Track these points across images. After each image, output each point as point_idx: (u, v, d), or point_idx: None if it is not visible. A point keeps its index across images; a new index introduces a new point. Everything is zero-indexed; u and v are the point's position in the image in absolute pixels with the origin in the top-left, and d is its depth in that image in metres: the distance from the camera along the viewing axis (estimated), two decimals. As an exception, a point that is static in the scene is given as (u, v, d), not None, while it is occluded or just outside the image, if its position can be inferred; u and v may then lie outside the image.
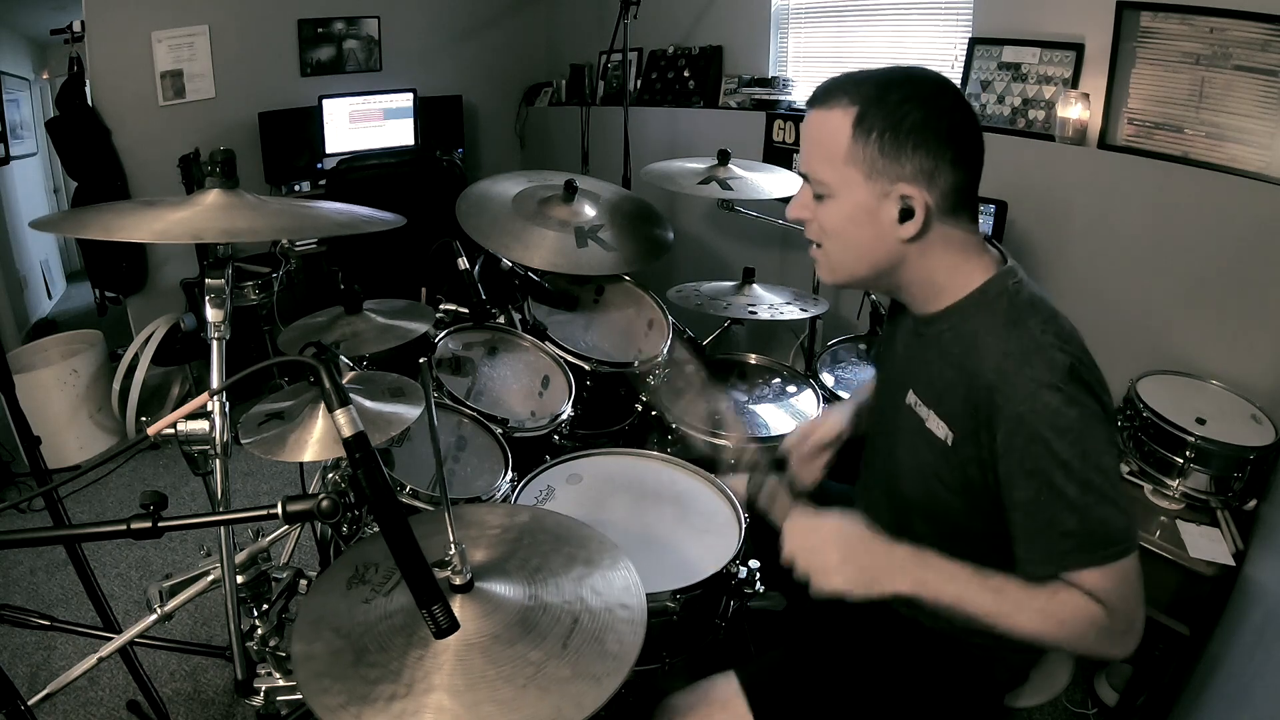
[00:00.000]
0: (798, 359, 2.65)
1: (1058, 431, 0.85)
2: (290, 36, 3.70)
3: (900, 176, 0.93)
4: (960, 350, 0.96)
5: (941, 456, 0.99)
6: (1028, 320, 0.92)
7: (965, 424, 0.95)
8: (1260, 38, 1.79)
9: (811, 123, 0.99)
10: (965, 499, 0.98)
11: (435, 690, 0.81)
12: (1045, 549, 0.89)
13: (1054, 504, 0.86)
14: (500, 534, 1.09)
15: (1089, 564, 0.86)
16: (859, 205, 0.96)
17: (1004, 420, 0.88)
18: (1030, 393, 0.87)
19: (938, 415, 1.00)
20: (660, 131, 3.49)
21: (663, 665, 1.20)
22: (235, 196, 1.03)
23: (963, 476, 0.97)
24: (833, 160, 0.95)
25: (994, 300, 0.96)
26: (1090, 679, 1.87)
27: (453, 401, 1.68)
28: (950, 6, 2.56)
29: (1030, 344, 0.90)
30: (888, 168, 0.93)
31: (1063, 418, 0.85)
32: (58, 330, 3.54)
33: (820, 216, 1.00)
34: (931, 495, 1.02)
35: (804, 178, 1.03)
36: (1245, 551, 1.54)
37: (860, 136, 0.93)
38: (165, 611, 1.09)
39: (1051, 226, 2.23)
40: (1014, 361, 0.89)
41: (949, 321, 1.00)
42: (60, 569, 2.33)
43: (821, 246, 1.03)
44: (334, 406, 0.78)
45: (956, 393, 0.96)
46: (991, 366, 0.91)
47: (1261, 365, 1.84)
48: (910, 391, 1.06)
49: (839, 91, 0.95)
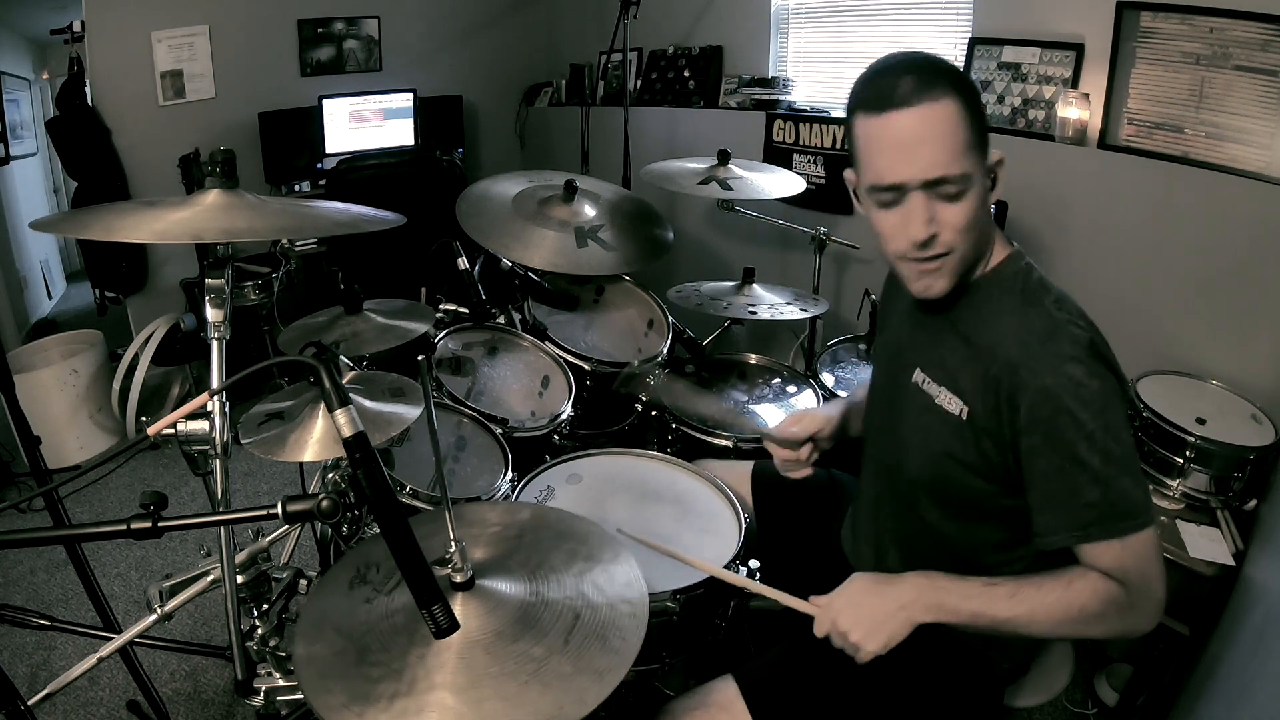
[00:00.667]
0: (798, 359, 2.64)
1: (1081, 402, 0.87)
2: (290, 36, 3.70)
3: (988, 149, 0.93)
4: (976, 328, 0.98)
5: (955, 433, 0.99)
6: (1043, 299, 0.95)
7: (983, 400, 0.96)
8: (1260, 38, 1.79)
9: (925, 119, 0.88)
10: (979, 476, 0.99)
11: (438, 688, 0.81)
12: (1068, 520, 0.90)
13: (1078, 475, 0.88)
14: (501, 531, 1.09)
15: (1109, 535, 0.88)
16: (981, 190, 0.93)
17: (1028, 394, 0.90)
18: (1054, 366, 0.89)
19: (951, 392, 1.00)
20: (660, 131, 3.49)
21: (663, 665, 1.20)
22: (235, 196, 1.03)
23: (977, 452, 0.97)
24: (962, 151, 0.89)
25: (1012, 278, 0.98)
26: (1090, 679, 1.87)
27: (453, 401, 1.68)
28: (950, 6, 2.56)
29: (1050, 322, 0.92)
30: (986, 144, 0.93)
31: (1086, 389, 0.87)
32: (58, 330, 3.54)
33: (953, 218, 0.92)
34: (942, 474, 1.02)
35: (929, 185, 0.91)
36: (1245, 551, 1.54)
37: (973, 121, 0.90)
38: (165, 611, 1.09)
39: (1051, 226, 2.23)
40: (1037, 337, 0.92)
41: (969, 298, 1.01)
42: (60, 569, 2.33)
43: (951, 252, 0.95)
44: (334, 406, 0.78)
45: (973, 369, 0.97)
46: (1015, 342, 0.93)
47: (1261, 365, 1.84)
48: (917, 370, 1.06)
49: (935, 82, 0.89)
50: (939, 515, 1.04)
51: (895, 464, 1.11)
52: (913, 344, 1.09)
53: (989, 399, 0.95)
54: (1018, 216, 2.20)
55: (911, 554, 1.10)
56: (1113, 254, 2.12)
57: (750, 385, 2.04)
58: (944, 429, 1.01)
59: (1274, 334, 1.82)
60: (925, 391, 1.04)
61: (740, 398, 1.98)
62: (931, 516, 1.04)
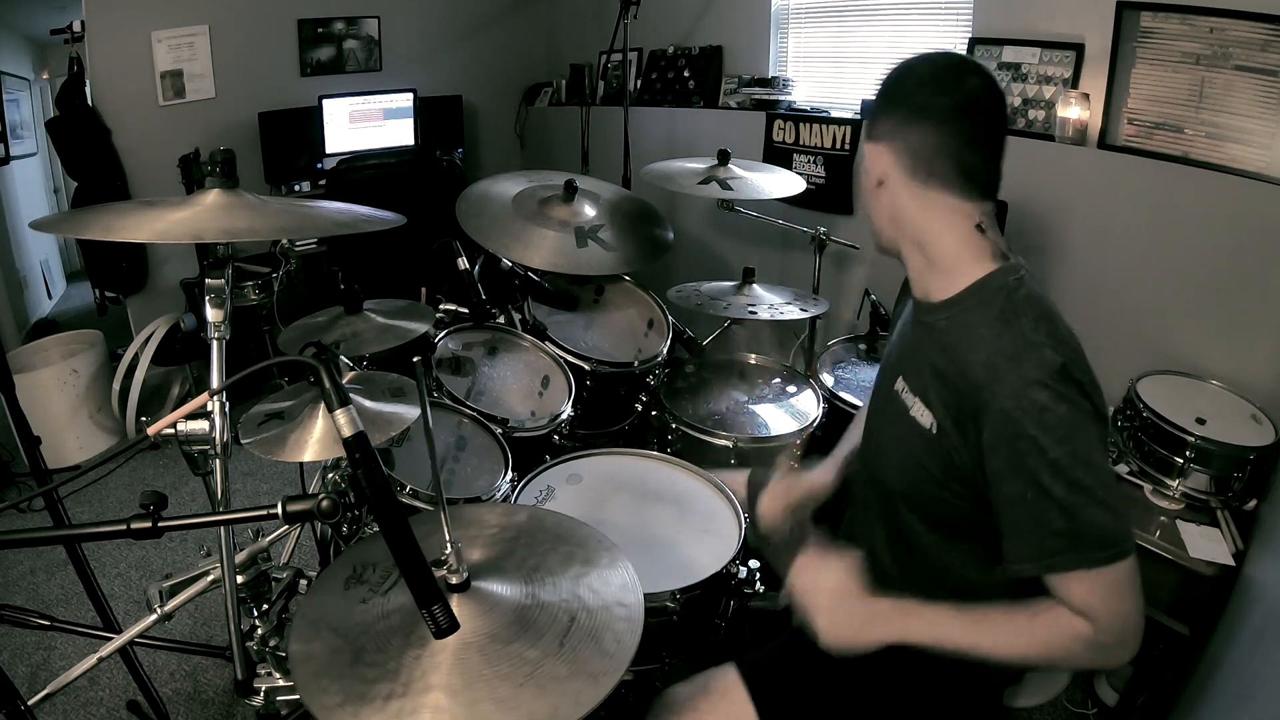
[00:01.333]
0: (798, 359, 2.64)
1: (1044, 429, 0.84)
2: (290, 36, 3.70)
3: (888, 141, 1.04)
4: (952, 342, 0.96)
5: (925, 445, 0.98)
6: (1021, 318, 0.91)
7: (951, 415, 0.94)
8: (1260, 38, 1.79)
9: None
10: (950, 490, 0.97)
11: (433, 689, 0.81)
12: (1034, 548, 0.87)
13: (1042, 503, 0.85)
14: (498, 533, 1.09)
15: (1078, 565, 0.85)
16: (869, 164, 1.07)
17: (990, 416, 0.87)
18: (1017, 390, 0.85)
19: (923, 403, 0.99)
20: (660, 131, 3.49)
21: (662, 665, 1.20)
22: (235, 196, 1.03)
23: (948, 465, 0.95)
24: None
25: (994, 294, 0.95)
26: (1090, 679, 1.87)
27: (453, 401, 1.68)
28: (950, 6, 2.56)
29: (1021, 342, 0.89)
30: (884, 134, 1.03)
31: (1050, 415, 0.84)
32: (58, 330, 3.55)
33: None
34: (915, 485, 1.01)
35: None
36: (1245, 551, 1.54)
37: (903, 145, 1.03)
38: (165, 611, 1.09)
39: (1051, 226, 2.23)
40: (1003, 358, 0.88)
41: (949, 310, 0.99)
42: (60, 569, 2.33)
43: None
44: (334, 406, 0.78)
45: (944, 382, 0.95)
46: (981, 361, 0.90)
47: (1261, 365, 1.84)
48: (900, 378, 1.06)
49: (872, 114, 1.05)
50: (920, 527, 1.03)
51: (878, 472, 1.11)
52: (902, 351, 1.09)
53: (955, 414, 0.93)
54: (1018, 217, 2.20)
55: (901, 562, 1.09)
56: (1112, 254, 2.12)
57: (750, 385, 2.04)
58: (916, 440, 1.00)
59: (1274, 334, 1.82)
60: (903, 400, 1.04)
61: (740, 398, 1.98)
62: (914, 527, 1.03)
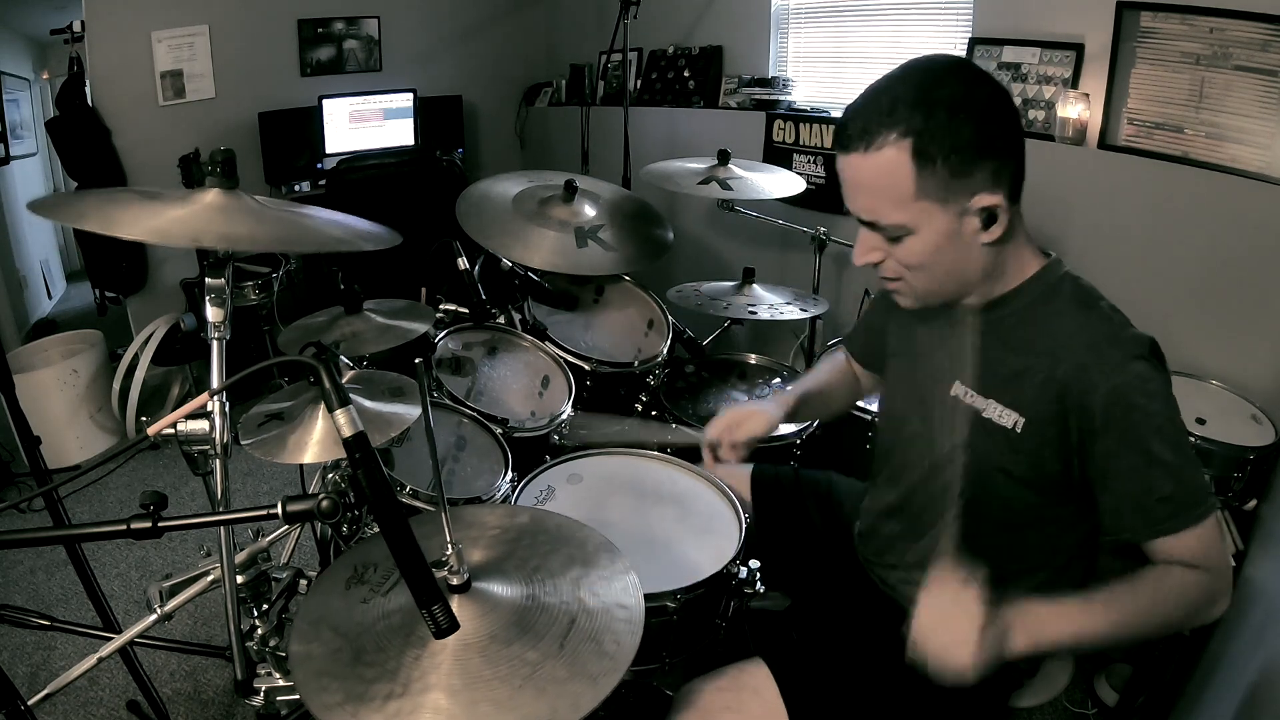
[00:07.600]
0: (798, 359, 2.65)
1: (1150, 396, 0.90)
2: (290, 36, 3.69)
3: (974, 189, 0.90)
4: (1029, 335, 0.98)
5: (1006, 445, 0.98)
6: (1098, 302, 0.98)
7: (1043, 409, 0.95)
8: (1260, 38, 1.79)
9: (860, 168, 0.92)
10: (1029, 488, 0.98)
11: (432, 690, 0.81)
12: (1145, 518, 0.91)
13: (1152, 470, 0.90)
14: (499, 534, 1.09)
15: (1186, 525, 0.89)
16: (942, 233, 0.92)
17: (1100, 395, 0.91)
18: (1124, 366, 0.91)
19: (1000, 403, 0.99)
20: (660, 131, 3.48)
21: (662, 665, 1.20)
22: (234, 198, 1.02)
23: (1033, 463, 0.97)
24: (902, 201, 0.90)
25: (1058, 285, 0.99)
26: (1090, 679, 1.86)
27: (453, 401, 1.68)
28: (950, 6, 2.56)
29: (1112, 323, 0.96)
30: (962, 187, 0.89)
31: (1153, 384, 0.91)
32: (58, 330, 3.54)
33: (900, 255, 0.96)
34: (988, 487, 1.01)
35: (869, 225, 0.96)
36: (1245, 551, 1.54)
37: (925, 168, 0.88)
38: (165, 611, 1.09)
39: (1051, 226, 2.22)
40: (1103, 339, 0.94)
41: (1009, 307, 1.00)
42: (60, 569, 2.33)
43: (903, 279, 0.99)
44: (334, 406, 0.78)
45: (1030, 378, 0.96)
46: (1081, 344, 0.94)
47: (1261, 365, 1.84)
48: (957, 382, 1.05)
49: (879, 127, 0.88)
50: (969, 528, 0.99)
51: (932, 480, 1.08)
52: (951, 356, 1.06)
53: (1051, 407, 0.94)
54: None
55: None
56: (1113, 254, 2.12)
57: (750, 385, 2.04)
58: (990, 442, 0.99)
59: (1274, 334, 1.82)
60: (969, 405, 1.02)
61: (740, 398, 1.98)
62: (970, 532, 0.99)
